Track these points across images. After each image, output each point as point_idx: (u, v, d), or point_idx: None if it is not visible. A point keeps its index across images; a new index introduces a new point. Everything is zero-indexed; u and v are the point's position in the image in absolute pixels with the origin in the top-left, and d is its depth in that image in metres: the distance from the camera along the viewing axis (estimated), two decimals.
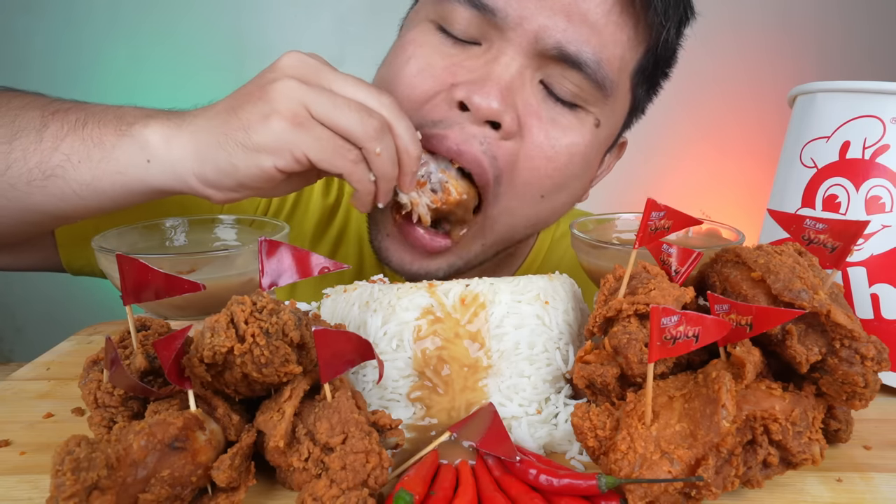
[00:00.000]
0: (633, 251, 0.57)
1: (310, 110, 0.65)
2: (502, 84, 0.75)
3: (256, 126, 0.65)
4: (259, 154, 0.65)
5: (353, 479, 0.46)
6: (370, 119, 0.66)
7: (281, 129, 0.64)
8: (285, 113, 0.64)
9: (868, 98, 0.71)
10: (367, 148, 0.66)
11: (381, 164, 0.68)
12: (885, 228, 0.69)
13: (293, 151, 0.65)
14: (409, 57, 0.80)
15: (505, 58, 0.76)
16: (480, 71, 0.77)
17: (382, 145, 0.67)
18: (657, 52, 0.83)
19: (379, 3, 0.89)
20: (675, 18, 0.81)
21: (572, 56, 0.76)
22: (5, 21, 2.22)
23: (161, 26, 2.23)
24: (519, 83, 0.77)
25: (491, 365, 0.59)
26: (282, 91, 0.65)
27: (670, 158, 2.43)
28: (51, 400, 0.66)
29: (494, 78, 0.75)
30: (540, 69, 0.78)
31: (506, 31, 0.76)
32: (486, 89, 0.74)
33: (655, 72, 0.87)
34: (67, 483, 0.38)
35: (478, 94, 0.74)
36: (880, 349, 0.50)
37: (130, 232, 0.75)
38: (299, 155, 0.65)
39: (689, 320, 0.46)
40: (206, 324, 0.48)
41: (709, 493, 0.47)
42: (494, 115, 0.75)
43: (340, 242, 1.05)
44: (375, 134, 0.66)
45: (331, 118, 0.65)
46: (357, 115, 0.65)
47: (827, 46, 2.34)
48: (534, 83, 0.78)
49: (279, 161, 0.65)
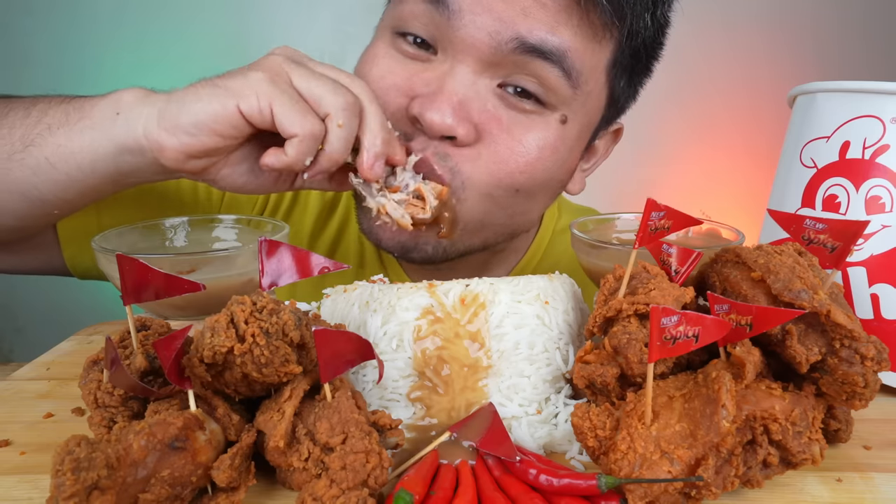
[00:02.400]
0: (633, 251, 0.57)
1: (290, 77, 0.66)
2: (455, 99, 0.75)
3: (234, 75, 0.66)
4: (227, 92, 0.65)
5: (353, 479, 0.46)
6: (344, 93, 0.66)
7: (257, 78, 0.65)
8: (265, 68, 0.66)
9: (868, 98, 0.71)
10: (332, 115, 0.66)
11: (336, 139, 0.66)
12: (885, 228, 0.69)
13: (259, 98, 0.64)
14: (369, 71, 0.81)
15: (461, 66, 0.76)
16: (434, 84, 0.76)
17: (347, 121, 0.66)
18: (632, 44, 0.81)
19: (379, 3, 0.88)
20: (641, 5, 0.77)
21: (536, 46, 0.74)
22: (8, 24, 2.22)
23: (164, 30, 2.23)
24: (474, 92, 0.76)
25: (491, 365, 0.59)
26: (268, 60, 0.67)
27: (670, 158, 2.43)
28: (51, 400, 0.66)
29: (447, 92, 0.75)
30: (498, 74, 0.77)
31: (458, 29, 0.74)
32: (436, 104, 0.74)
33: (636, 61, 0.84)
34: (67, 483, 0.38)
35: (429, 109, 0.74)
36: (880, 349, 0.50)
37: (130, 232, 0.75)
38: (264, 103, 0.64)
39: (689, 320, 0.46)
40: (206, 324, 0.48)
41: (709, 493, 0.47)
42: (447, 130, 0.75)
43: (340, 240, 1.05)
44: (344, 106, 0.66)
45: (304, 85, 0.66)
46: (331, 86, 0.66)
47: (825, 45, 2.34)
48: (491, 88, 0.77)
49: (243, 102, 0.64)
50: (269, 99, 0.64)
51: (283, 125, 0.65)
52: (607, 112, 0.88)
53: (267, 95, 0.64)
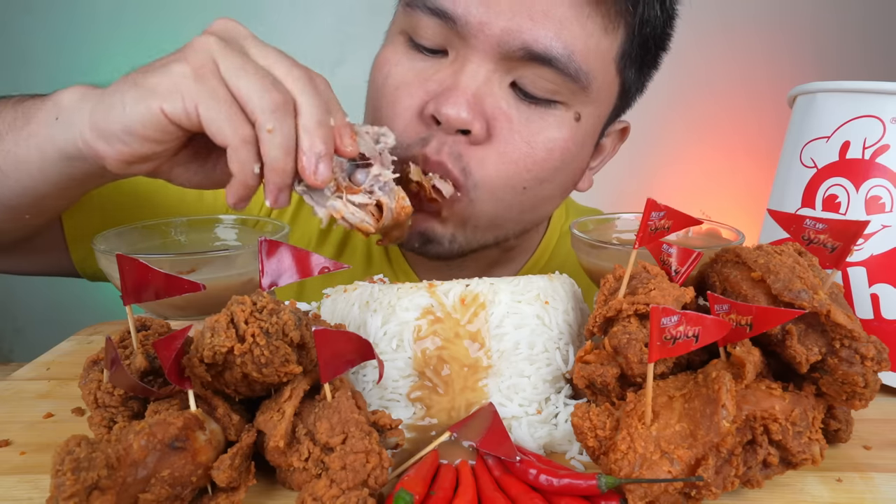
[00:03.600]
0: (633, 251, 0.57)
1: (218, 66, 0.58)
2: (469, 93, 0.75)
3: (158, 68, 0.59)
4: (150, 93, 0.58)
5: (353, 479, 0.46)
6: (273, 92, 0.58)
7: (180, 73, 0.58)
8: (191, 61, 0.58)
9: (868, 98, 0.71)
10: (259, 122, 0.57)
11: (271, 147, 0.58)
12: (885, 228, 0.69)
13: (185, 99, 0.57)
14: (384, 76, 0.81)
15: (471, 65, 0.76)
16: (448, 82, 0.77)
17: (278, 124, 0.57)
18: (642, 33, 0.81)
19: (379, 3, 0.89)
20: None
21: (541, 54, 0.75)
22: (7, 22, 2.22)
23: (163, 28, 2.23)
24: (487, 89, 0.77)
25: (491, 365, 0.59)
26: (197, 43, 0.59)
27: (670, 158, 2.43)
28: (51, 400, 0.66)
29: (461, 87, 0.76)
30: (510, 71, 0.77)
31: (468, 39, 0.76)
32: (452, 99, 0.75)
33: (645, 51, 0.85)
34: (67, 483, 0.38)
35: (445, 105, 0.75)
36: (880, 349, 0.50)
37: (130, 232, 0.75)
38: (190, 105, 0.57)
39: (689, 320, 0.46)
40: (206, 324, 0.48)
41: (709, 493, 0.47)
42: (463, 124, 0.75)
43: (347, 241, 1.05)
44: (272, 108, 0.57)
45: (233, 81, 0.58)
46: (260, 84, 0.58)
47: (824, 46, 2.34)
48: (504, 86, 0.78)
49: (167, 104, 0.58)
50: (194, 100, 0.57)
51: (212, 132, 0.58)
52: (618, 102, 0.89)
53: (192, 96, 0.57)
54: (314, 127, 0.59)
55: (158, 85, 0.58)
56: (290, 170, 0.60)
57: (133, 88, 0.59)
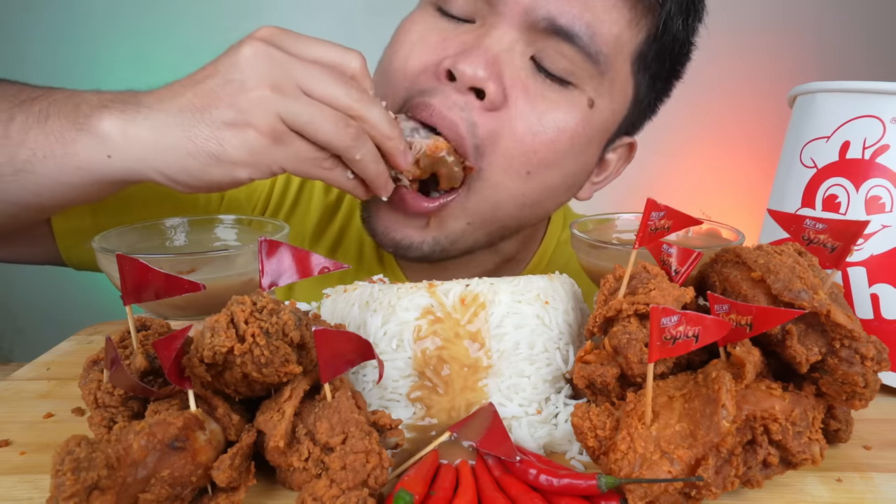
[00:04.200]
0: (633, 251, 0.57)
1: (285, 121, 0.63)
2: (490, 54, 0.76)
3: (231, 140, 0.62)
4: (235, 167, 0.64)
5: (353, 479, 0.46)
6: (347, 128, 0.65)
7: (259, 145, 0.63)
8: (262, 128, 0.62)
9: (868, 98, 0.71)
10: (347, 157, 0.67)
11: (364, 167, 0.68)
12: (885, 228, 0.69)
13: (270, 166, 0.65)
14: (406, 33, 0.82)
15: (497, 31, 0.77)
16: (470, 43, 0.78)
17: (361, 151, 0.67)
18: (661, 41, 0.83)
19: (378, 4, 0.89)
20: (678, 5, 0.81)
21: (564, 28, 0.76)
22: (5, 20, 2.22)
23: (161, 26, 2.23)
24: (508, 56, 0.77)
25: (491, 365, 0.59)
26: (254, 101, 0.62)
27: (670, 158, 2.43)
28: (51, 400, 0.66)
29: (483, 48, 0.76)
30: (532, 44, 0.78)
31: (497, 6, 0.77)
32: (471, 58, 0.75)
33: (661, 63, 0.86)
34: (67, 483, 0.38)
35: (463, 62, 0.75)
36: (880, 349, 0.50)
37: (130, 232, 0.75)
38: (276, 168, 0.65)
39: (689, 320, 0.46)
40: (206, 324, 0.48)
41: (709, 493, 0.47)
42: (478, 82, 0.75)
43: (341, 241, 1.05)
44: (353, 142, 0.65)
45: (308, 130, 0.64)
46: (333, 124, 0.64)
47: (825, 46, 2.34)
48: (524, 57, 0.79)
49: (255, 173, 0.65)
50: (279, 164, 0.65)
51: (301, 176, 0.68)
52: (630, 112, 0.89)
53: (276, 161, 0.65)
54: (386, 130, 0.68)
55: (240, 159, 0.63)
56: (383, 169, 0.71)
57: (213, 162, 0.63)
